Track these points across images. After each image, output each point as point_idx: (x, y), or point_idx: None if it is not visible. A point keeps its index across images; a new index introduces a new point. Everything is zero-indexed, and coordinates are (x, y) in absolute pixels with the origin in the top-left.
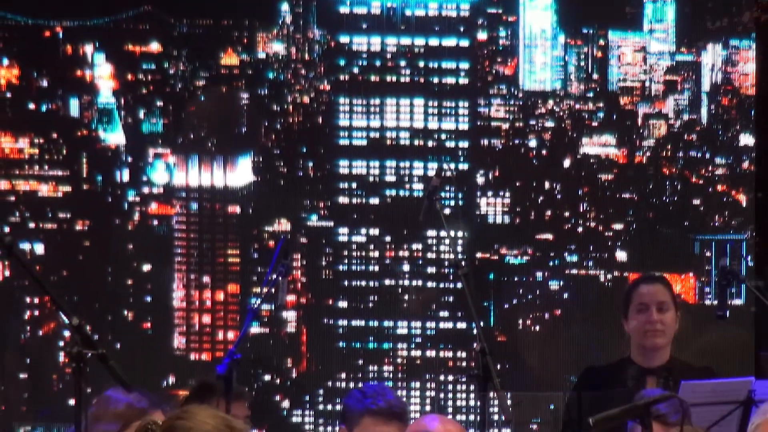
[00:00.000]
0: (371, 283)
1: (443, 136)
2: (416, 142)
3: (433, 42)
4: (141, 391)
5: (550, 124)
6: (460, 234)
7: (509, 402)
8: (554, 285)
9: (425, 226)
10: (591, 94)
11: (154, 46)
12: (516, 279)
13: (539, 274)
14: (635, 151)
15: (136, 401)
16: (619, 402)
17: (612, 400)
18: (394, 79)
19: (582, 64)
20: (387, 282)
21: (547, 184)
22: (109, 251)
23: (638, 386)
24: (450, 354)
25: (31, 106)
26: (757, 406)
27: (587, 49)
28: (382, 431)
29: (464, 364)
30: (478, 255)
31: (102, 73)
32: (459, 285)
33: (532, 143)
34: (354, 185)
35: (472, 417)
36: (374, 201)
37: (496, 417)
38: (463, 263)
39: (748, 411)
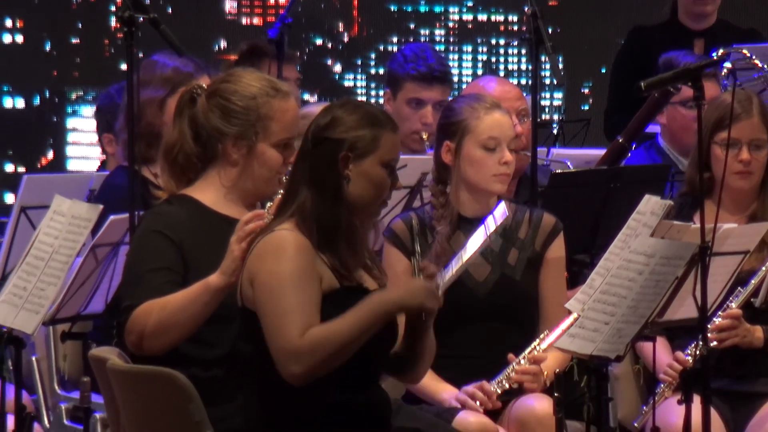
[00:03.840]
0: None
1: None
2: None
3: None
4: (187, 55)
5: None
6: None
7: (560, 65)
8: None
9: None
10: None
11: None
12: None
13: None
14: None
15: (182, 65)
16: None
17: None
18: None
19: None
20: None
21: None
22: None
23: (685, 48)
24: (501, 18)
25: None
26: None
27: None
28: (425, 96)
29: (515, 27)
30: None
31: None
32: None
33: None
34: None
35: (524, 80)
36: None
37: (547, 81)
38: None
39: None
